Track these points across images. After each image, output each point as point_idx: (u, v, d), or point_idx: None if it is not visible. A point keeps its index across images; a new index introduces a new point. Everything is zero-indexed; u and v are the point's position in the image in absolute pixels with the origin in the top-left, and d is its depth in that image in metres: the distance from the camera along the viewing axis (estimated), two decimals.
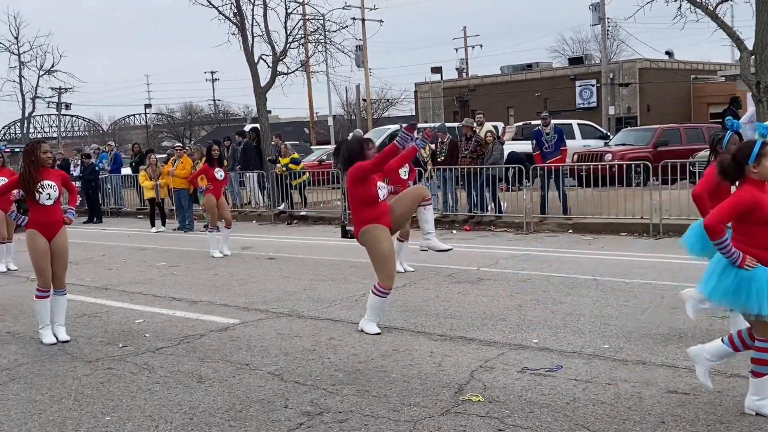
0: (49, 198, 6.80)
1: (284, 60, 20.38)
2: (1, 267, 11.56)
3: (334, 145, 24.39)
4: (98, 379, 5.80)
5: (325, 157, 26.45)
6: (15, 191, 7.99)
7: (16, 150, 20.85)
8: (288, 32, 20.18)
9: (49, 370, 6.10)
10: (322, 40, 21.52)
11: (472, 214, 15.04)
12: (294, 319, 7.54)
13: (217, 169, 12.58)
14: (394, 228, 6.96)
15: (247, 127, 25.54)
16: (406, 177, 10.22)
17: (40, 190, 6.75)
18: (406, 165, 10.42)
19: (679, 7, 15.17)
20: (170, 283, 9.93)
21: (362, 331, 6.78)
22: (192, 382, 5.59)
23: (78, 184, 20.54)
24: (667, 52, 48.61)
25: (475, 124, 16.08)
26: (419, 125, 19.05)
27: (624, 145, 21.12)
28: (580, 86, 47.48)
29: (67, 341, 6.91)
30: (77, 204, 7.84)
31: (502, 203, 15.08)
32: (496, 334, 6.58)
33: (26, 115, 36.64)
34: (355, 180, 6.74)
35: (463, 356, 5.96)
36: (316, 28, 21.87)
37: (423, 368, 5.70)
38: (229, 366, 5.97)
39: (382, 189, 6.87)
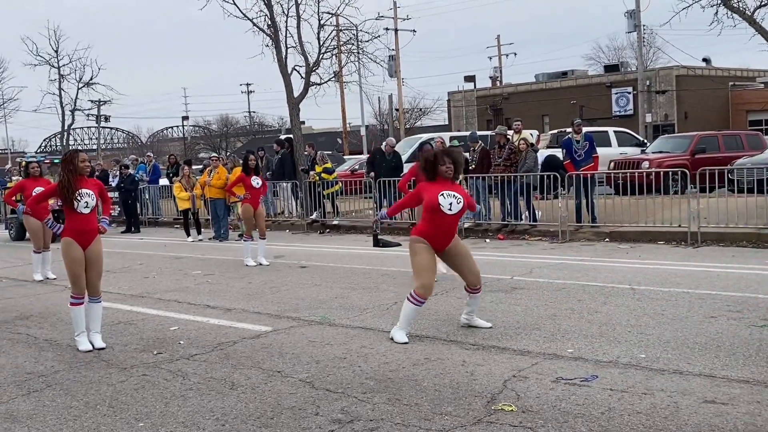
0: (86, 206, 6.90)
1: (317, 71, 20.50)
2: (38, 276, 11.76)
3: (367, 155, 24.41)
4: (132, 385, 5.85)
5: (357, 167, 26.54)
6: (52, 200, 8.12)
7: (56, 161, 21.21)
8: (321, 43, 20.31)
9: (84, 377, 6.17)
10: (355, 51, 21.62)
11: (506, 222, 14.94)
12: (325, 327, 7.54)
13: (253, 177, 12.59)
14: (442, 255, 6.93)
15: (283, 137, 25.71)
16: None
17: (78, 198, 6.86)
18: None
19: (716, 13, 14.99)
20: (205, 291, 10.01)
21: (392, 339, 6.75)
22: (225, 389, 5.61)
23: (116, 194, 20.90)
24: (704, 59, 48.00)
25: (511, 132, 16.00)
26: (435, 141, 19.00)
27: (661, 152, 20.85)
28: (617, 94, 47.04)
29: (102, 348, 6.99)
30: (111, 214, 7.94)
31: (536, 212, 14.96)
32: (530, 344, 6.50)
33: (66, 127, 37.33)
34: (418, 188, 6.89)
35: (496, 365, 5.90)
36: (348, 38, 21.98)
37: (455, 377, 5.65)
38: (261, 373, 5.98)
39: (447, 197, 6.66)
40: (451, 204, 6.68)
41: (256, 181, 12.57)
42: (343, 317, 7.94)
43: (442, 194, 6.67)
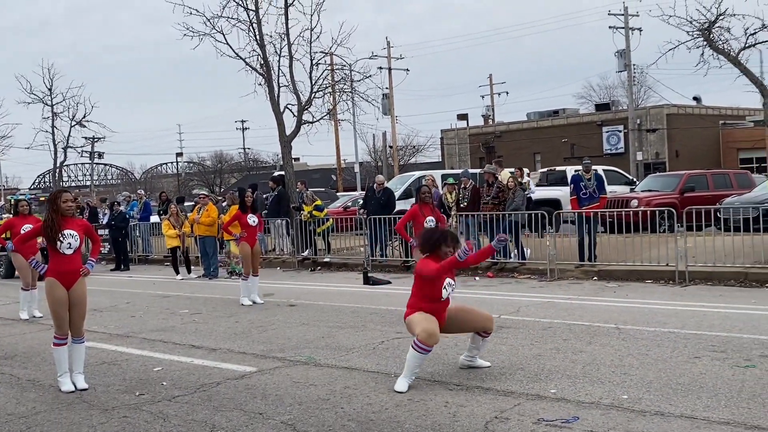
0: (69, 247, 6.90)
1: (309, 109, 20.66)
2: (24, 315, 11.69)
3: (360, 192, 24.47)
4: (113, 427, 5.81)
5: (350, 204, 26.62)
6: (40, 239, 8.13)
7: (41, 198, 21.29)
8: (313, 82, 20.49)
9: (65, 418, 6.12)
10: (348, 90, 21.81)
11: (495, 260, 14.97)
12: (311, 367, 7.52)
13: (249, 215, 12.53)
14: (443, 329, 6.78)
15: (276, 174, 25.82)
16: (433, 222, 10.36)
17: (61, 239, 6.87)
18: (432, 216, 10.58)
19: (702, 54, 15.19)
20: (191, 331, 9.97)
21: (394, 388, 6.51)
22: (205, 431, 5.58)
23: (106, 231, 20.88)
24: (694, 98, 48.56)
25: (497, 170, 16.12)
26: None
27: (650, 191, 20.99)
28: (608, 132, 47.45)
29: (85, 389, 6.94)
30: (99, 255, 7.92)
31: (525, 249, 15.00)
32: (514, 384, 6.50)
33: (58, 164, 37.39)
34: (422, 276, 6.70)
35: (479, 406, 5.89)
36: (341, 77, 22.19)
37: (437, 419, 5.63)
38: (242, 415, 5.95)
39: (448, 288, 6.71)
40: (449, 293, 6.75)
41: (252, 219, 12.51)
42: (329, 357, 7.92)
43: (445, 287, 6.66)
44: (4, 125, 71.76)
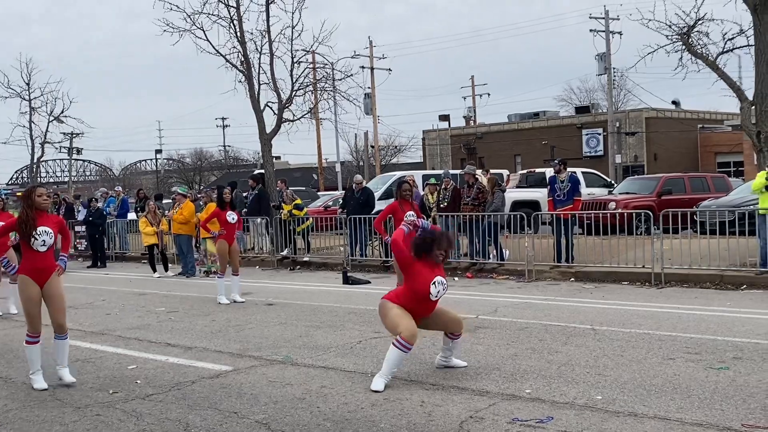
0: (43, 245, 6.81)
1: (290, 107, 20.59)
2: None
3: (342, 191, 24.43)
4: (85, 425, 5.75)
5: (331, 203, 26.57)
6: (12, 236, 8.02)
7: (18, 193, 21.01)
8: (294, 80, 20.43)
9: (37, 416, 6.06)
10: (329, 89, 21.76)
11: (474, 261, 15.01)
12: (287, 366, 7.49)
13: (229, 212, 12.40)
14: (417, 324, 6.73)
15: (256, 172, 25.71)
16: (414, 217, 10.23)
17: (36, 236, 6.77)
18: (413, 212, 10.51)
19: (680, 58, 15.29)
20: (167, 329, 9.90)
21: (370, 387, 6.46)
22: (178, 431, 5.54)
23: (83, 228, 20.69)
24: (673, 102, 49.03)
25: (479, 172, 16.16)
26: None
27: (628, 193, 21.14)
28: (587, 135, 47.77)
29: (72, 383, 6.89)
30: (69, 251, 7.80)
31: (504, 251, 15.05)
32: (489, 384, 6.51)
33: (35, 160, 36.99)
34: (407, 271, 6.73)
35: (454, 406, 5.89)
36: (322, 76, 22.14)
37: (412, 418, 5.63)
38: (217, 414, 5.91)
39: (438, 286, 6.62)
40: (438, 292, 6.67)
41: (231, 217, 12.38)
42: (306, 356, 7.89)
43: (434, 283, 6.60)
44: None
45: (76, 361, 7.98)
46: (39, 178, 44.16)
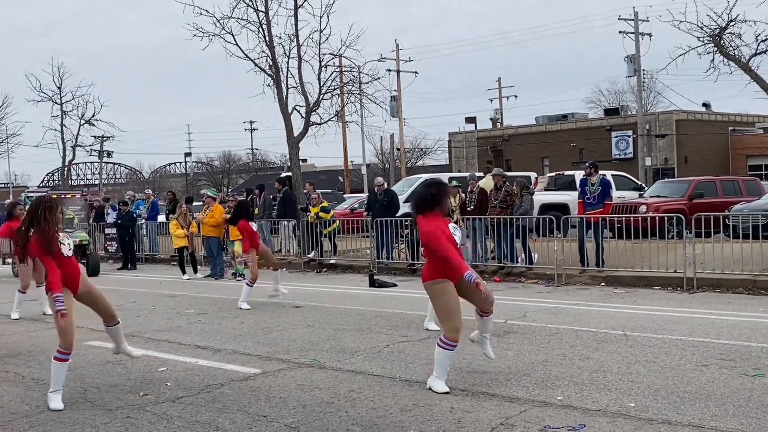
0: (69, 248, 6.66)
1: (317, 111, 20.66)
2: (15, 315, 11.59)
3: (367, 194, 24.46)
4: (116, 427, 5.79)
5: (357, 206, 26.58)
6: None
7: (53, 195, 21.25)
8: (321, 84, 20.49)
9: (68, 417, 6.11)
10: (356, 92, 21.80)
11: (502, 264, 14.91)
12: (315, 369, 7.48)
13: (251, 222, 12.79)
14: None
15: (283, 175, 25.81)
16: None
17: (63, 242, 6.58)
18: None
19: (712, 60, 15.12)
20: (196, 331, 9.95)
21: (431, 389, 6.45)
22: None
23: (113, 230, 20.93)
24: (704, 104, 48.40)
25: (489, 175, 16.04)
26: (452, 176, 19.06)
27: (659, 197, 20.88)
28: (616, 137, 47.32)
29: (141, 356, 7.33)
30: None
31: (533, 254, 14.93)
32: (520, 390, 6.44)
33: (66, 162, 37.51)
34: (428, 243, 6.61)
35: (484, 413, 5.84)
36: (349, 79, 22.18)
37: (442, 424, 5.59)
38: (246, 417, 5.92)
39: (456, 232, 6.65)
40: (459, 237, 6.71)
41: (254, 226, 12.80)
42: (334, 360, 7.88)
43: (452, 228, 6.64)
44: (14, 123, 72.14)
45: (106, 363, 8.06)
46: (70, 181, 44.70)
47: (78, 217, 20.88)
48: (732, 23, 14.64)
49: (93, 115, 36.66)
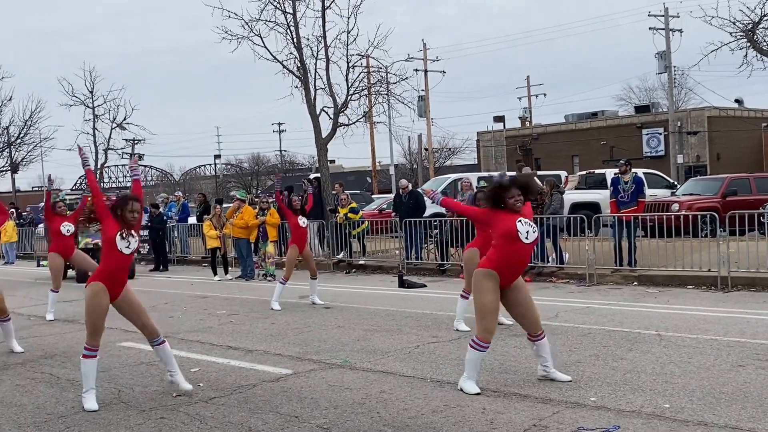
0: (128, 246, 6.44)
1: (345, 111, 20.68)
2: (50, 316, 11.75)
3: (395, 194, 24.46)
4: (150, 428, 5.84)
5: (385, 206, 26.58)
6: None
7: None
8: (349, 84, 20.51)
9: (103, 418, 6.18)
10: (384, 92, 21.80)
11: (533, 264, 14.79)
12: (346, 370, 7.49)
13: (300, 217, 12.21)
14: (506, 298, 6.57)
15: (312, 176, 25.91)
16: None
17: (131, 235, 6.43)
18: None
19: (745, 55, 14.90)
20: (228, 332, 10.02)
21: (461, 390, 6.41)
22: None
23: (145, 232, 21.15)
24: (736, 100, 47.67)
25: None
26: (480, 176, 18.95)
27: (691, 194, 20.61)
28: (647, 134, 46.82)
29: (190, 390, 6.71)
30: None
31: (564, 254, 14.81)
32: (552, 391, 6.39)
33: (98, 166, 37.99)
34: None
35: (517, 414, 5.80)
36: (377, 80, 22.18)
37: (474, 426, 5.56)
38: (278, 418, 5.94)
39: (525, 225, 6.31)
40: (527, 232, 6.34)
41: (302, 221, 12.20)
42: (365, 360, 7.88)
43: (521, 221, 6.33)
44: (47, 127, 73.30)
45: (140, 364, 8.14)
46: (102, 184, 45.30)
47: None
48: (766, 17, 14.41)
49: (124, 119, 37.12)
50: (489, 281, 6.43)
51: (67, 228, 11.51)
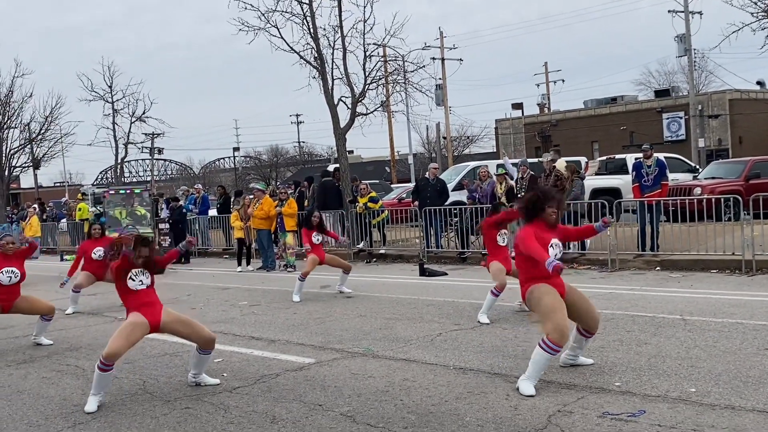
0: (141, 284, 6.63)
1: (363, 101, 20.64)
2: (70, 310, 11.89)
3: (414, 183, 24.47)
4: (175, 418, 5.88)
5: (404, 195, 26.55)
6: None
7: (121, 191, 21.44)
8: (367, 74, 20.46)
9: (129, 409, 6.23)
10: (401, 81, 21.71)
11: None
12: (368, 359, 7.49)
13: (315, 233, 12.17)
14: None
15: (331, 167, 25.93)
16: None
17: (133, 277, 6.60)
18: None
19: (767, 36, 14.67)
20: (250, 322, 10.06)
21: (518, 389, 6.02)
22: (265, 423, 5.60)
23: (167, 225, 21.29)
24: (758, 82, 47.04)
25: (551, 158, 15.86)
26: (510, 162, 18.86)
27: (714, 178, 20.39)
28: (668, 119, 46.31)
29: (215, 383, 6.77)
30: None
31: (586, 240, 14.71)
32: (576, 377, 6.36)
33: (119, 160, 38.27)
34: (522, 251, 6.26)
35: (541, 400, 5.78)
36: (394, 68, 22.10)
37: (498, 412, 5.54)
38: (302, 406, 5.96)
39: (555, 248, 6.24)
40: (555, 255, 6.25)
41: (316, 238, 12.19)
42: (387, 349, 7.89)
43: (551, 245, 6.24)
44: (67, 123, 73.84)
45: (164, 355, 8.20)
46: (123, 179, 45.62)
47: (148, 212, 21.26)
48: None
49: (143, 113, 37.31)
50: (543, 287, 6.23)
51: (99, 254, 11.80)
